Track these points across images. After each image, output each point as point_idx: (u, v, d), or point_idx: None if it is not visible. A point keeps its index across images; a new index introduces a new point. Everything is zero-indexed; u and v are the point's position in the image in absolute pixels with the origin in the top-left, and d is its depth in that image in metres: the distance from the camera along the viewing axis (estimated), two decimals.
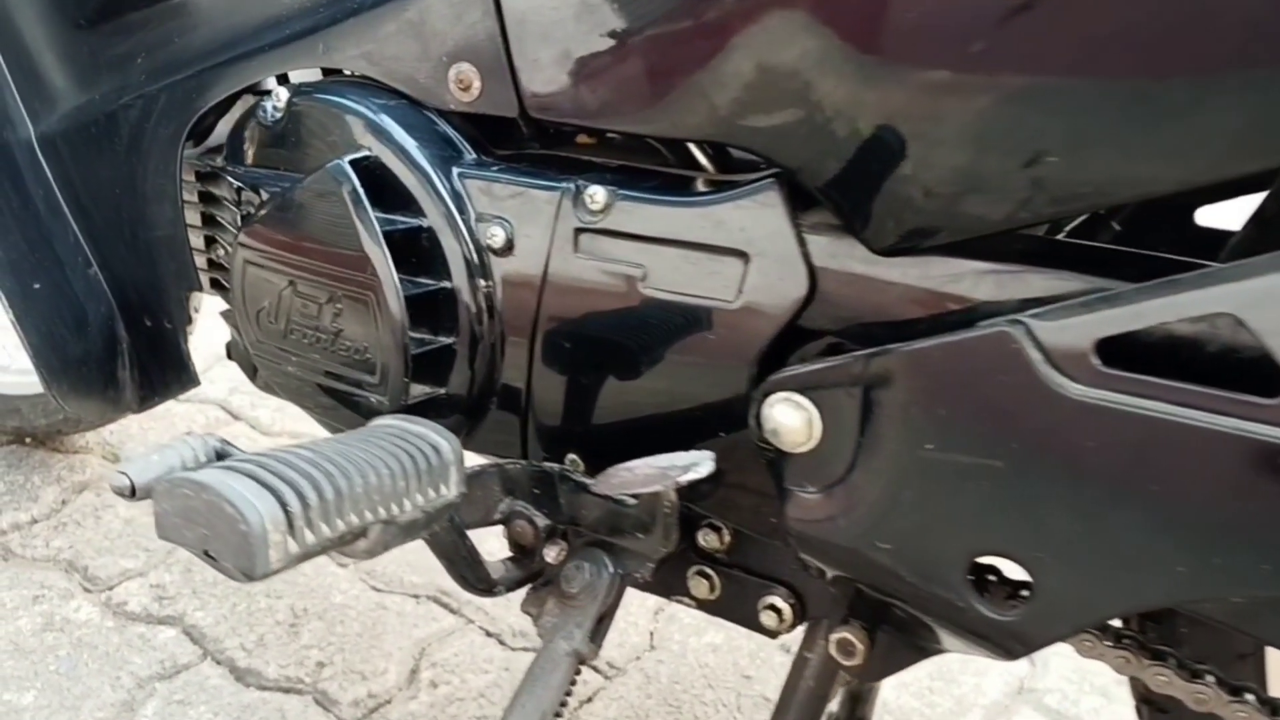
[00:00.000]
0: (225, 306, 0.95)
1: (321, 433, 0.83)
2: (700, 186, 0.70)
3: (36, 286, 0.94)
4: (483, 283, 0.75)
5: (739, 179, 0.68)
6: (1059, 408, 0.51)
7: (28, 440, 1.65)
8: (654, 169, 0.74)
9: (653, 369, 0.71)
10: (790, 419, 0.61)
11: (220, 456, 0.79)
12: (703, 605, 0.80)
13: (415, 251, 0.75)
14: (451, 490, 0.65)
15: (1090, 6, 0.51)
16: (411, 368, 0.75)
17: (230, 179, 0.86)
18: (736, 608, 0.79)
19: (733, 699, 1.24)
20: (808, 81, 0.59)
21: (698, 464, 0.61)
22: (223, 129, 0.92)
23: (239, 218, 0.87)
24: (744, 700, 1.24)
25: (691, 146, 0.74)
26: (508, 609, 1.34)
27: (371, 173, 0.75)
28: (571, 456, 0.78)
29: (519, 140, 0.80)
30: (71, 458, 1.62)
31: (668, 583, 0.80)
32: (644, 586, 0.79)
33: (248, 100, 0.88)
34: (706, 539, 0.77)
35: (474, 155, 0.77)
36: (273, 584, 1.38)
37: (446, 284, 0.75)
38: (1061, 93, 0.52)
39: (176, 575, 1.38)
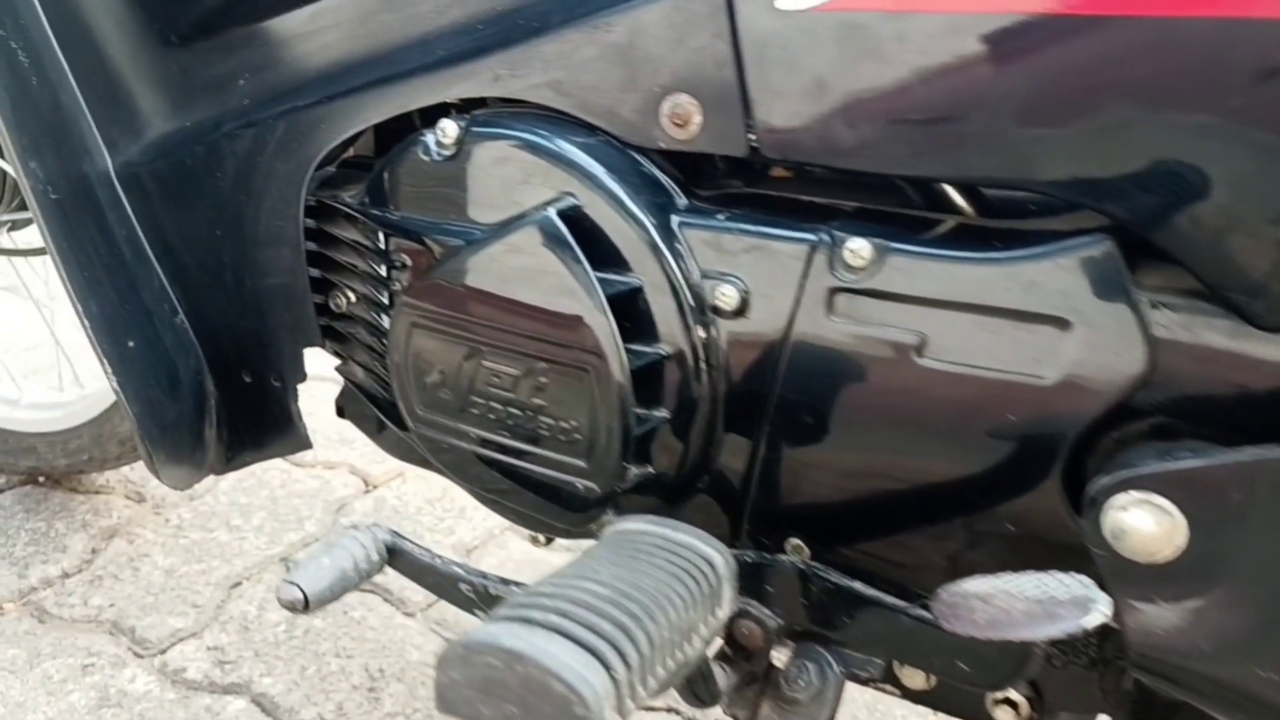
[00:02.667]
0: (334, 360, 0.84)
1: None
2: (993, 239, 0.60)
3: (131, 345, 0.81)
4: (709, 349, 0.65)
5: (1034, 227, 0.59)
6: None
7: (42, 480, 1.50)
8: (915, 214, 0.65)
9: (920, 448, 0.62)
10: (1146, 524, 0.53)
11: (391, 551, 0.68)
12: (915, 696, 0.72)
13: (633, 315, 0.65)
14: (725, 610, 0.56)
15: None
16: (632, 449, 0.65)
17: (374, 225, 0.74)
18: (959, 700, 0.71)
19: None
20: (1166, 116, 0.51)
21: (1092, 602, 0.51)
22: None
23: (381, 268, 0.76)
24: None
25: (949, 188, 0.65)
26: None
27: (579, 224, 0.65)
28: (795, 541, 0.69)
29: (719, 179, 0.70)
30: (94, 499, 1.48)
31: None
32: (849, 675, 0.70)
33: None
34: None
35: (686, 200, 0.67)
36: (340, 640, 1.27)
37: (668, 351, 0.65)
38: None
39: (234, 635, 1.25)
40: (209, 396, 0.90)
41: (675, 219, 0.66)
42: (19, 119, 0.79)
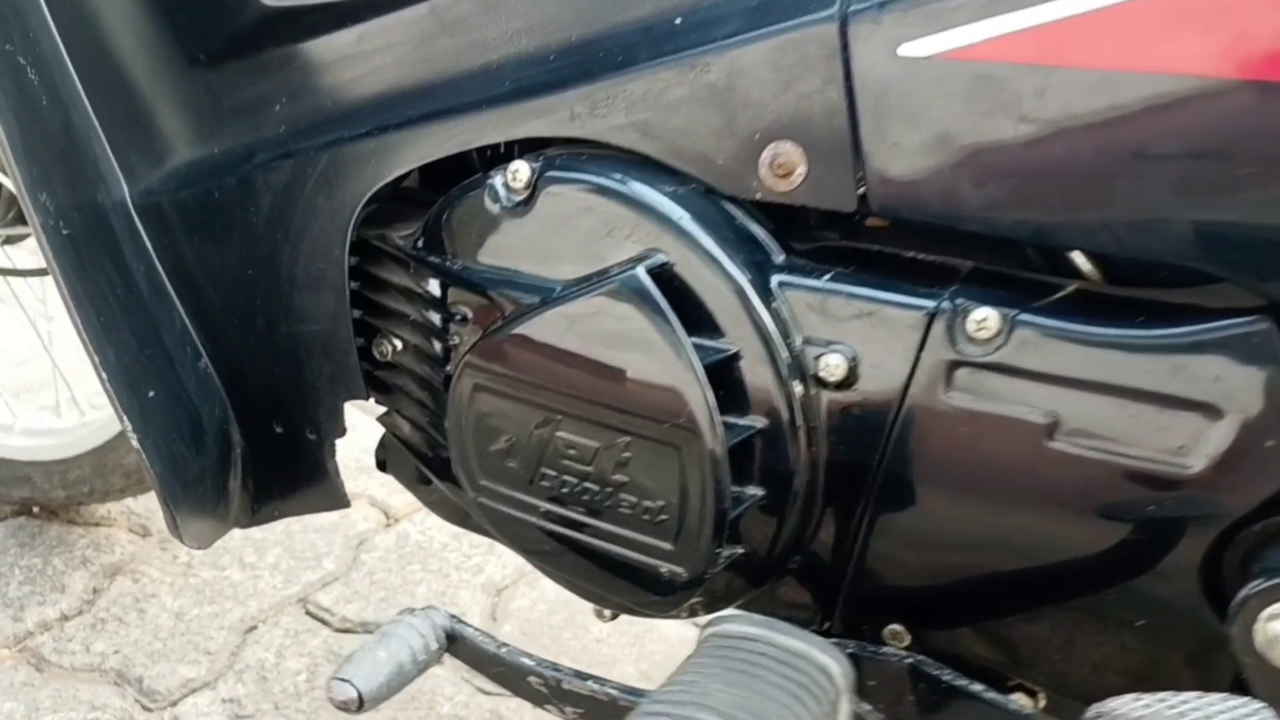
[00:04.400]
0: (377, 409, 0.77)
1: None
2: (1132, 313, 0.54)
3: (152, 395, 0.74)
4: (810, 422, 0.59)
5: (1175, 300, 0.53)
6: None
7: (36, 511, 1.42)
8: (1036, 277, 0.58)
9: (1043, 533, 0.56)
10: None
11: (451, 638, 0.62)
12: None
13: (728, 384, 0.58)
14: None
15: None
16: (727, 531, 0.58)
17: (431, 273, 0.67)
18: None
19: None
20: None
21: None
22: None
23: (434, 316, 0.69)
24: None
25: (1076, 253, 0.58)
26: None
27: (669, 283, 0.58)
28: (895, 627, 0.63)
29: (813, 230, 0.64)
30: (94, 532, 1.40)
31: None
32: None
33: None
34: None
35: (784, 256, 0.61)
36: None
37: (766, 424, 0.59)
38: None
39: (251, 686, 1.18)
40: (234, 447, 0.83)
41: (774, 278, 0.59)
42: (28, 145, 0.71)
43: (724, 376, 0.58)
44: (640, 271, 0.57)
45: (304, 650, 1.23)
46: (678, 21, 0.61)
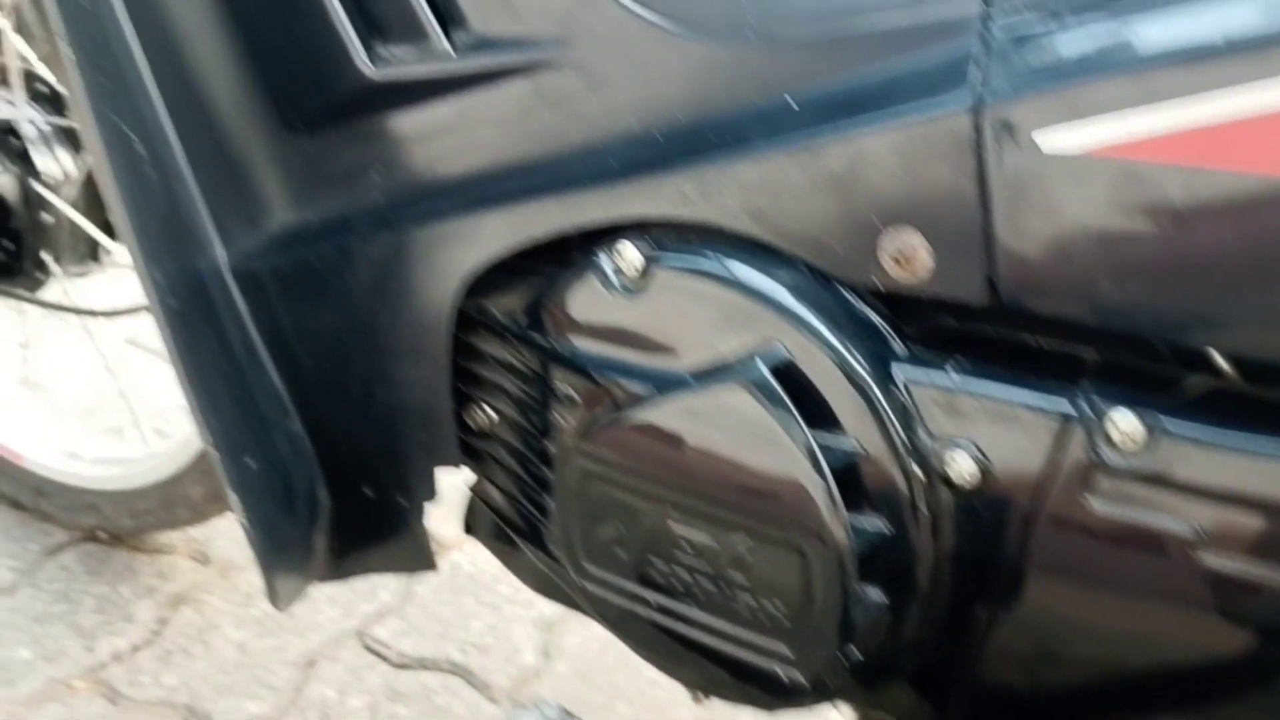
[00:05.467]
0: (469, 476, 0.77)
1: None
2: None
3: (252, 465, 0.74)
4: (937, 525, 0.57)
5: None
6: None
7: (101, 535, 1.43)
8: (1173, 371, 0.57)
9: (1177, 645, 0.55)
10: None
11: None
12: None
13: (852, 485, 0.57)
14: None
15: None
16: (850, 636, 0.57)
17: (536, 354, 0.66)
18: None
19: None
20: None
21: None
22: None
23: (535, 392, 0.68)
24: None
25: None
26: None
27: (790, 378, 0.57)
28: None
29: (929, 315, 0.62)
30: (158, 560, 1.41)
31: None
32: None
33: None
34: None
35: (904, 348, 0.59)
36: None
37: (890, 528, 0.57)
38: None
39: None
40: (322, 506, 0.83)
41: (896, 371, 0.58)
42: (141, 222, 0.71)
43: (849, 476, 0.57)
44: (761, 366, 0.56)
45: (364, 687, 1.23)
46: (792, 103, 0.60)
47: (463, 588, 1.41)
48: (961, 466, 0.56)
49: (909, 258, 0.57)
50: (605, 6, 0.64)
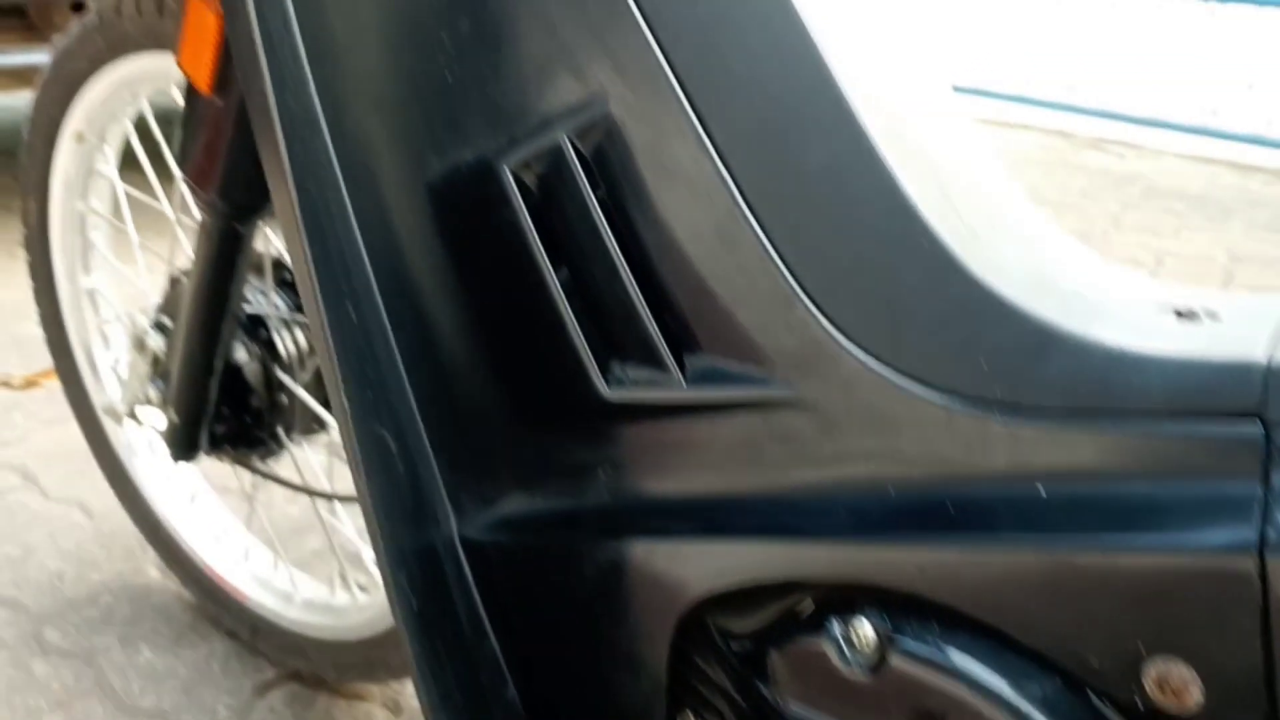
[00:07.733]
0: None
1: None
2: None
3: None
4: None
5: None
6: None
7: (303, 677, 1.52)
8: None
9: None
10: None
11: None
12: None
13: None
14: None
15: None
16: None
17: (758, 701, 0.66)
18: None
19: None
20: None
21: None
22: None
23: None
24: None
25: None
26: None
27: None
28: None
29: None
30: (355, 706, 1.48)
31: None
32: None
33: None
34: None
35: None
36: None
37: None
38: None
39: None
40: None
41: None
42: (387, 509, 0.76)
43: None
44: None
45: None
46: (1043, 493, 0.58)
47: None
48: None
49: (1178, 691, 0.54)
50: (839, 355, 0.64)
